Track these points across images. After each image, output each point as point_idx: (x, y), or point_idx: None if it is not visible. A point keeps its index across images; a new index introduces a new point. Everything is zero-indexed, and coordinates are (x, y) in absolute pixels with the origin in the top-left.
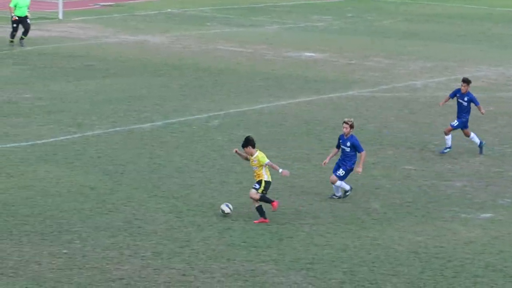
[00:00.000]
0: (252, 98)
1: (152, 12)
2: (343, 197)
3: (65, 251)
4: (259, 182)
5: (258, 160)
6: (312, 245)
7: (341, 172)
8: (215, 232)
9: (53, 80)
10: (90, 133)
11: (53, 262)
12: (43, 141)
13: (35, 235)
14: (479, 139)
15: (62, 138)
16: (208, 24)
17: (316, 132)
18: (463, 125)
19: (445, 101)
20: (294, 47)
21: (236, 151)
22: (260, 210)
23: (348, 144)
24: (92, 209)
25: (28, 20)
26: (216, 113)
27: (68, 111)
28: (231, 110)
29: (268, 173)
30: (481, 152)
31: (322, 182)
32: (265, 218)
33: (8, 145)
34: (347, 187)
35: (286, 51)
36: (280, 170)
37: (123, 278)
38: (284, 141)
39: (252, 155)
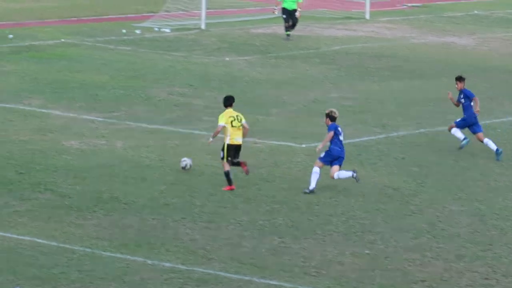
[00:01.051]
0: None
1: (459, 14)
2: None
3: (367, 251)
4: (223, 148)
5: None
6: None
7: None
8: None
9: (360, 80)
10: (394, 134)
11: (356, 262)
12: (347, 141)
13: (338, 235)
14: (495, 145)
15: (366, 138)
16: None
17: None
18: (465, 124)
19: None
20: None
21: None
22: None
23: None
24: (395, 210)
25: (296, 14)
26: None
27: (374, 111)
28: None
29: (234, 135)
30: (498, 159)
31: None
32: (230, 185)
33: (313, 144)
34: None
35: None
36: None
37: (425, 280)
38: None
39: None
